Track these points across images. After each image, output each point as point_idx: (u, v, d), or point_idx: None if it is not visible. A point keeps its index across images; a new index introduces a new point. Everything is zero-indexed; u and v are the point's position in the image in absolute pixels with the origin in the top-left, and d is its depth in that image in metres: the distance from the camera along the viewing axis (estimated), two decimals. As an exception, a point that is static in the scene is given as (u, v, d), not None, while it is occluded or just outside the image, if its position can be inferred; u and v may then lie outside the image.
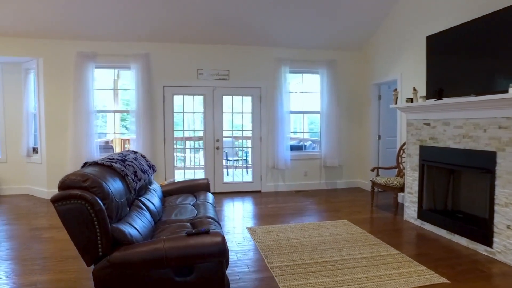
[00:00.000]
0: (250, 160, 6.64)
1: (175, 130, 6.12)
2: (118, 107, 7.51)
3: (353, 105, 6.57)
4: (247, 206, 5.32)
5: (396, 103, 4.62)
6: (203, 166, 6.28)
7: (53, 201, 1.96)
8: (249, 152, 6.97)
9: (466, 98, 3.41)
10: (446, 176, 4.11)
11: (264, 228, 4.11)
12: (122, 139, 7.51)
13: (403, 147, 5.05)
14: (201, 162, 6.99)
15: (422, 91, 4.44)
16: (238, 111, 6.34)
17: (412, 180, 4.34)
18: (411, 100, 4.26)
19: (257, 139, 6.28)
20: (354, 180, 6.67)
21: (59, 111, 5.62)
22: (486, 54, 3.45)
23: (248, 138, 6.63)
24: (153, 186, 3.49)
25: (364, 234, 3.83)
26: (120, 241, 2.08)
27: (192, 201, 3.58)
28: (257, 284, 2.72)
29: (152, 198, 3.06)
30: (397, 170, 5.14)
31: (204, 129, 6.14)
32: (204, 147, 6.18)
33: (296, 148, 7.26)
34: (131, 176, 2.64)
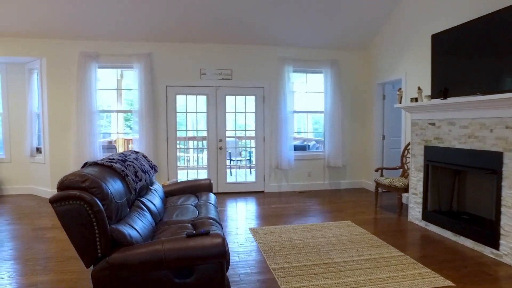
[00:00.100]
0: (253, 160, 6.61)
1: (178, 130, 6.11)
2: (122, 107, 7.52)
3: (357, 104, 6.51)
4: (250, 207, 5.29)
5: (400, 103, 4.57)
6: (206, 166, 6.26)
7: (51, 201, 1.94)
8: (252, 152, 6.94)
9: (472, 97, 3.35)
10: (451, 176, 4.06)
11: (266, 228, 4.08)
12: (125, 139, 7.52)
13: (408, 147, 4.99)
14: (204, 162, 6.97)
15: (427, 91, 4.38)
16: (241, 111, 6.31)
17: (416, 180, 4.29)
18: (416, 99, 4.21)
19: (260, 139, 6.25)
20: (358, 180, 6.61)
21: (62, 111, 5.63)
22: (493, 53, 3.39)
23: (251, 138, 6.60)
24: (154, 186, 3.47)
25: (367, 235, 3.79)
26: (119, 242, 2.06)
27: (194, 201, 3.55)
28: (258, 286, 2.69)
29: (153, 199, 3.04)
30: (401, 170, 5.08)
31: (207, 129, 6.12)
32: (207, 147, 6.16)
33: (299, 148, 7.22)
34: (132, 176, 2.63)
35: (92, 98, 5.52)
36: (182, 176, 6.39)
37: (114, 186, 2.27)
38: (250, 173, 7.65)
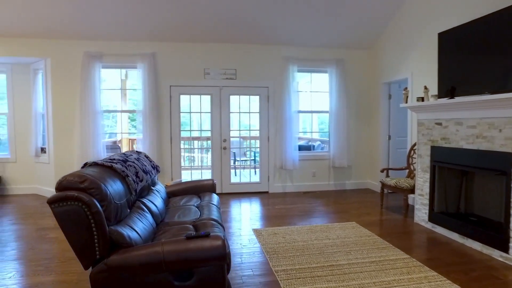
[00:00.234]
0: (258, 160, 6.57)
1: (182, 130, 6.09)
2: (126, 107, 7.52)
3: (362, 104, 6.44)
4: (254, 207, 5.25)
5: (406, 102, 4.49)
6: (210, 166, 6.23)
7: (49, 202, 1.91)
8: (257, 152, 6.90)
9: (480, 96, 3.27)
10: (459, 177, 3.97)
11: (270, 230, 4.03)
12: (130, 139, 7.52)
13: (414, 148, 4.91)
14: (208, 163, 6.94)
15: (434, 90, 4.30)
16: (245, 111, 6.27)
17: (423, 181, 4.21)
18: (422, 99, 4.13)
19: (264, 139, 6.21)
20: (363, 181, 6.53)
21: (67, 111, 5.64)
22: (501, 51, 3.30)
23: (255, 138, 6.56)
24: (156, 187, 3.45)
25: (372, 237, 3.72)
26: (118, 243, 2.03)
27: (196, 202, 3.52)
28: (260, 288, 2.65)
29: (154, 199, 3.01)
30: (407, 171, 5.00)
31: (211, 129, 6.09)
32: (211, 147, 6.13)
33: (304, 148, 7.16)
34: (132, 177, 2.60)
35: (96, 98, 5.52)
36: (186, 176, 6.37)
37: (114, 187, 2.24)
38: (255, 173, 7.61)
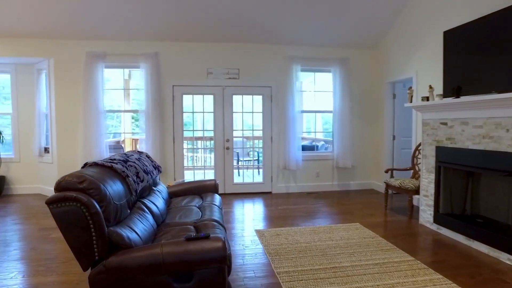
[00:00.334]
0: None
1: (185, 130, 6.07)
2: (130, 107, 7.53)
3: (366, 104, 6.38)
4: (257, 208, 5.21)
5: (411, 102, 4.43)
6: (213, 167, 6.20)
7: (47, 203, 1.89)
8: (261, 152, 6.86)
9: (486, 96, 3.21)
10: (465, 178, 3.90)
11: (272, 230, 3.99)
12: (133, 139, 7.52)
13: (419, 148, 4.84)
14: (211, 163, 6.92)
15: (439, 89, 4.23)
16: (248, 111, 6.23)
17: (428, 182, 4.14)
18: (427, 98, 4.07)
19: (267, 139, 6.17)
20: (367, 181, 6.47)
21: (70, 111, 5.64)
22: (508, 49, 3.23)
23: (259, 138, 6.52)
24: (158, 187, 3.42)
25: (376, 239, 3.67)
26: (118, 245, 2.00)
27: (198, 202, 3.49)
28: (262, 290, 2.61)
29: (155, 200, 2.98)
30: (412, 171, 4.94)
31: (214, 129, 6.06)
32: (214, 147, 6.11)
33: (308, 148, 7.11)
34: (133, 177, 2.57)
35: (99, 98, 5.52)
36: (189, 176, 6.34)
37: (113, 187, 2.21)
38: (259, 173, 7.57)
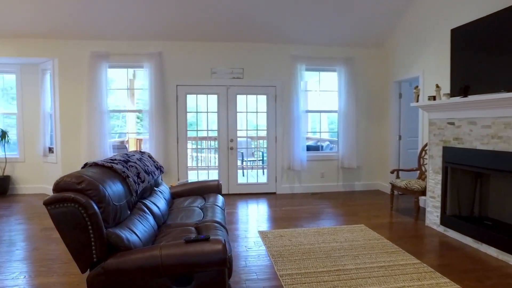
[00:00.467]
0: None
1: (189, 130, 6.04)
2: (134, 107, 7.52)
3: (372, 103, 6.29)
4: (261, 209, 5.17)
5: (417, 101, 4.35)
6: (217, 167, 6.17)
7: (45, 204, 1.87)
8: (265, 152, 6.82)
9: (495, 95, 3.13)
10: (472, 179, 3.82)
11: (276, 232, 3.94)
12: (137, 139, 7.52)
13: (425, 148, 4.76)
14: (215, 163, 6.88)
15: (446, 88, 4.15)
16: (252, 111, 6.19)
17: (434, 183, 4.06)
18: (434, 97, 3.99)
19: (272, 139, 6.12)
20: (373, 182, 6.39)
21: (74, 111, 5.64)
22: (518, 47, 3.15)
23: (263, 138, 6.47)
24: (160, 187, 3.39)
25: (382, 241, 3.60)
26: (117, 246, 1.97)
27: (200, 203, 3.45)
28: (264, 293, 2.57)
29: (157, 201, 2.95)
30: (418, 172, 4.85)
31: (218, 129, 6.02)
32: (218, 148, 6.07)
33: (312, 148, 7.05)
34: (133, 177, 2.54)
35: (102, 98, 5.52)
36: (193, 176, 6.32)
37: (113, 188, 2.18)
38: (263, 173, 7.52)
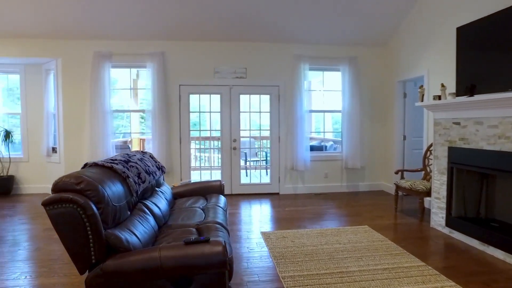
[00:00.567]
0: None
1: (191, 130, 6.02)
2: (138, 107, 7.52)
3: (376, 103, 6.23)
4: (264, 209, 5.14)
5: (422, 101, 4.29)
6: (220, 167, 6.14)
7: (44, 204, 1.85)
8: (269, 152, 6.79)
9: (502, 94, 3.07)
10: (479, 180, 3.75)
11: (279, 233, 3.91)
12: (140, 139, 7.52)
13: (430, 149, 4.69)
14: (218, 163, 6.86)
15: (451, 88, 4.09)
16: (255, 110, 6.16)
17: (439, 184, 4.00)
18: (439, 97, 3.93)
19: (275, 139, 6.08)
20: (377, 182, 6.33)
21: (77, 111, 5.65)
22: (526, 45, 3.09)
23: (266, 138, 6.43)
24: (162, 188, 3.37)
25: (386, 242, 3.55)
26: (116, 247, 1.95)
27: (202, 204, 3.43)
28: (266, 295, 2.54)
29: (158, 201, 2.93)
30: (423, 173, 4.79)
31: (221, 129, 6.00)
32: (221, 148, 6.05)
33: (316, 148, 7.00)
34: (134, 178, 2.52)
35: (105, 98, 5.51)
36: (196, 177, 6.30)
37: (112, 188, 2.16)
38: (267, 174, 7.48)
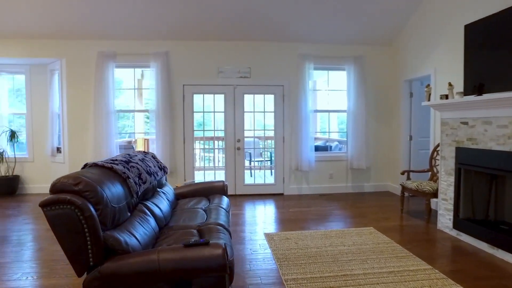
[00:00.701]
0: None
1: (195, 130, 6.00)
2: (142, 107, 7.52)
3: (382, 103, 6.15)
4: (268, 210, 5.09)
5: (429, 100, 4.21)
6: (224, 167, 6.11)
7: (41, 205, 1.82)
8: (273, 152, 6.74)
9: None
10: (487, 181, 3.66)
11: (282, 234, 3.86)
12: (144, 139, 7.52)
13: (437, 149, 4.61)
14: (222, 163, 6.83)
15: (459, 87, 4.00)
16: (260, 110, 6.11)
17: (447, 185, 3.92)
18: (446, 96, 3.85)
19: (279, 139, 6.03)
20: (383, 183, 6.25)
21: (81, 111, 5.65)
22: (536, 43, 3.01)
23: (270, 138, 6.38)
24: (164, 188, 3.34)
25: (391, 245, 3.48)
26: (114, 249, 1.92)
27: (205, 205, 3.39)
28: (268, 298, 2.49)
29: (159, 202, 2.90)
30: (430, 173, 4.71)
31: (224, 129, 5.96)
32: (225, 148, 6.01)
33: (321, 149, 6.93)
34: (134, 178, 2.49)
35: (109, 98, 5.51)
36: (199, 177, 6.27)
37: (112, 189, 2.13)
38: (271, 174, 7.43)
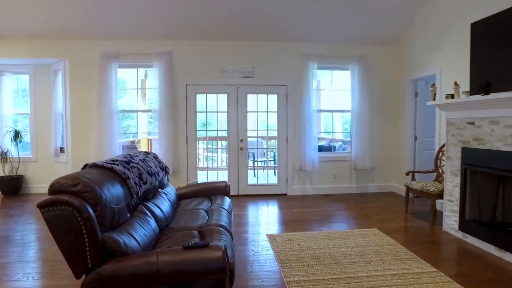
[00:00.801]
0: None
1: (198, 130, 5.97)
2: (146, 107, 7.51)
3: (386, 103, 6.08)
4: (271, 211, 5.05)
5: (434, 100, 4.15)
6: (227, 167, 6.08)
7: (39, 206, 1.80)
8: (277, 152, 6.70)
9: (519, 92, 2.93)
10: (494, 183, 3.60)
11: (285, 235, 3.82)
12: (148, 139, 7.51)
13: (443, 149, 4.54)
14: (225, 163, 6.80)
15: (465, 86, 3.93)
16: (263, 110, 6.07)
17: (452, 186, 3.86)
18: (452, 96, 3.78)
19: (283, 140, 5.99)
20: (387, 184, 6.18)
21: (84, 111, 5.65)
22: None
23: (274, 138, 6.34)
24: (165, 189, 3.32)
25: (395, 246, 3.43)
26: (113, 251, 1.89)
27: (206, 205, 3.37)
28: (269, 301, 2.45)
29: (160, 203, 2.87)
30: (435, 174, 4.64)
31: (227, 129, 5.93)
32: (227, 148, 5.98)
33: (324, 149, 6.87)
34: (134, 179, 2.46)
35: (112, 98, 5.50)
36: (202, 177, 6.25)
37: (111, 190, 2.10)
38: (275, 174, 7.39)
